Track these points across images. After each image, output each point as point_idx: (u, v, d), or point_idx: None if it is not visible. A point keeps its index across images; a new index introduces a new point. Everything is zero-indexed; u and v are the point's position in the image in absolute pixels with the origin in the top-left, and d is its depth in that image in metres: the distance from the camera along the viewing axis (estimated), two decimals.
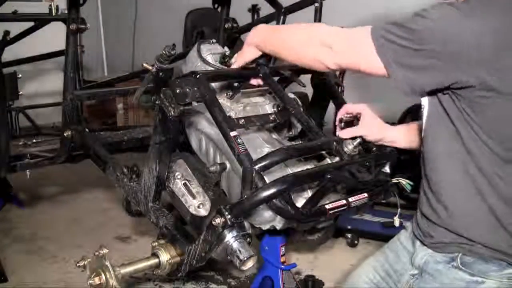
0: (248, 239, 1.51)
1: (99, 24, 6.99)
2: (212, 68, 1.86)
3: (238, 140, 1.47)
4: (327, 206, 1.52)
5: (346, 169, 1.61)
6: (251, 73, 1.79)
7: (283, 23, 2.97)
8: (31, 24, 3.80)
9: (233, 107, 1.81)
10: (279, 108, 1.83)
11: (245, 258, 1.46)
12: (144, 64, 1.65)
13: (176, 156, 1.76)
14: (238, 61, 1.73)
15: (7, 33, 3.67)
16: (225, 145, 1.54)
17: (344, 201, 1.56)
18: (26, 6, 4.57)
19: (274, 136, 1.88)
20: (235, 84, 1.80)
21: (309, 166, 1.69)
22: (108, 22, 6.99)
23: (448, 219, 1.41)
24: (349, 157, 1.63)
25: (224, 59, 1.87)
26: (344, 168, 1.61)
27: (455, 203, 1.40)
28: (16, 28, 3.78)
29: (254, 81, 1.78)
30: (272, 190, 1.40)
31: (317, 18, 2.84)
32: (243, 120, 1.72)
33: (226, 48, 1.96)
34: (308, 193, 1.63)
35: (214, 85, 1.79)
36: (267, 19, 3.11)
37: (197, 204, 1.61)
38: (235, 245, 1.47)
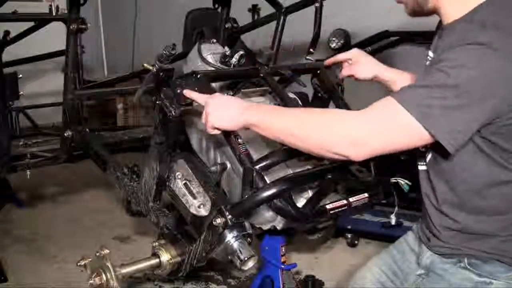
0: (249, 239, 1.51)
1: (99, 24, 6.98)
2: (213, 68, 1.86)
3: (239, 140, 1.48)
4: (327, 206, 1.53)
5: (347, 169, 1.61)
6: (251, 73, 1.79)
7: (283, 23, 2.96)
8: (31, 24, 3.79)
9: None
10: None
11: (246, 258, 1.46)
12: (145, 65, 1.64)
13: (177, 155, 1.76)
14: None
15: (7, 33, 3.67)
16: (226, 145, 1.54)
17: (344, 201, 1.56)
18: (26, 6, 4.57)
19: None
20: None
21: (309, 166, 1.69)
22: (108, 22, 6.98)
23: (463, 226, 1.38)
24: None
25: (225, 59, 1.87)
26: (344, 168, 1.61)
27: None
28: (16, 28, 3.77)
29: None
30: (272, 191, 1.40)
31: (318, 18, 2.83)
32: None
33: (226, 48, 1.96)
34: (309, 193, 1.64)
35: (214, 85, 1.80)
36: (267, 19, 3.11)
37: (198, 204, 1.61)
38: (236, 245, 1.47)
